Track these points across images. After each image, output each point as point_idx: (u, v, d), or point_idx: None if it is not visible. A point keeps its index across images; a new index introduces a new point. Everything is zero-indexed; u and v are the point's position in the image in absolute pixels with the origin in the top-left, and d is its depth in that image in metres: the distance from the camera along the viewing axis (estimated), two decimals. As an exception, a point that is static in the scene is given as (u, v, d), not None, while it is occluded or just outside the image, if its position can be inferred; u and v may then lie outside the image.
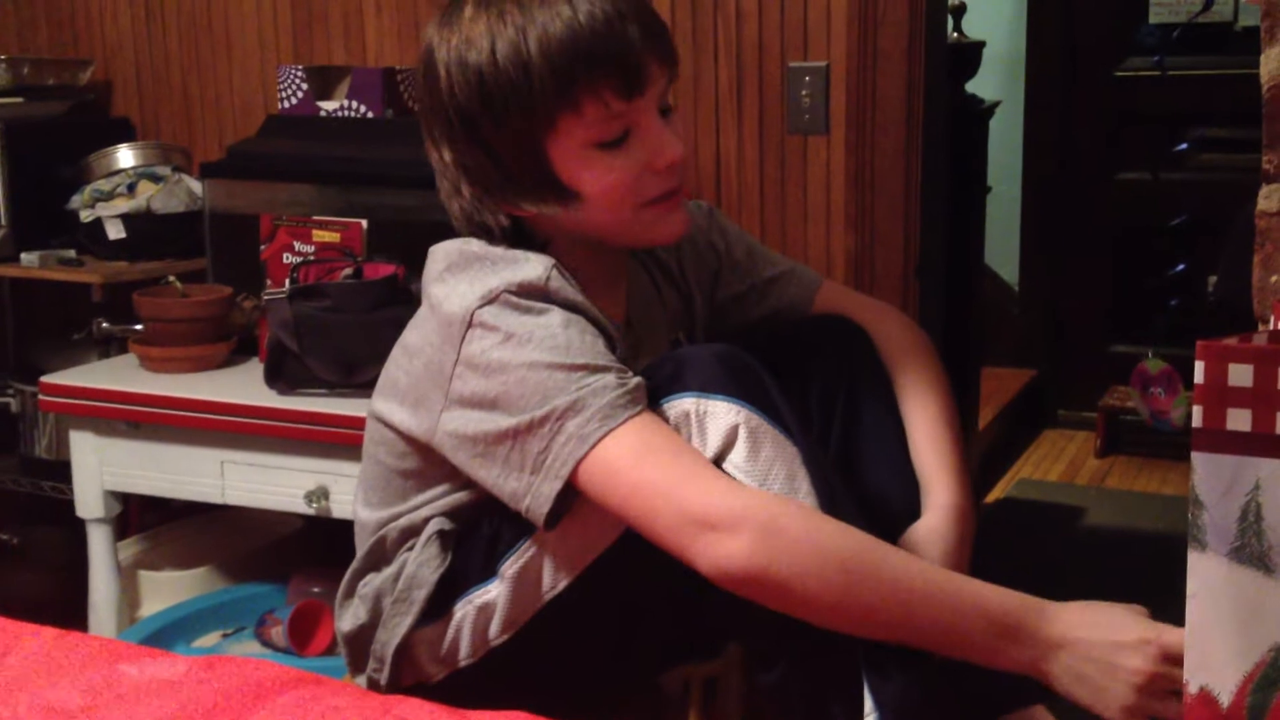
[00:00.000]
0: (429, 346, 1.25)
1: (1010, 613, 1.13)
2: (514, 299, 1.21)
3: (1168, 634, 1.10)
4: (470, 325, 1.20)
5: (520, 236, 1.30)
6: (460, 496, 1.31)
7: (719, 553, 1.12)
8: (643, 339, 1.40)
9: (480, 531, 1.29)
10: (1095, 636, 1.12)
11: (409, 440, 1.31)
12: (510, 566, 1.25)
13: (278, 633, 2.08)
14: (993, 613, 1.13)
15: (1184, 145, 3.55)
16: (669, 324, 1.44)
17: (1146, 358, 3.32)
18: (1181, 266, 3.49)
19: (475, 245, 1.29)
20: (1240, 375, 0.89)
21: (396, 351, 1.34)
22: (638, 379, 1.20)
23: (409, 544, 1.33)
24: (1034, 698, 1.18)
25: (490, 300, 1.21)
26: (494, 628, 1.27)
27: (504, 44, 1.21)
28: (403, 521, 1.33)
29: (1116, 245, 3.74)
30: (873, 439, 1.34)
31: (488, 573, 1.27)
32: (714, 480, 1.16)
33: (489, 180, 1.27)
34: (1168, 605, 1.01)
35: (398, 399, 1.31)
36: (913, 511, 1.33)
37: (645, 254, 1.46)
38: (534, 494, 1.19)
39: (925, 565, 1.19)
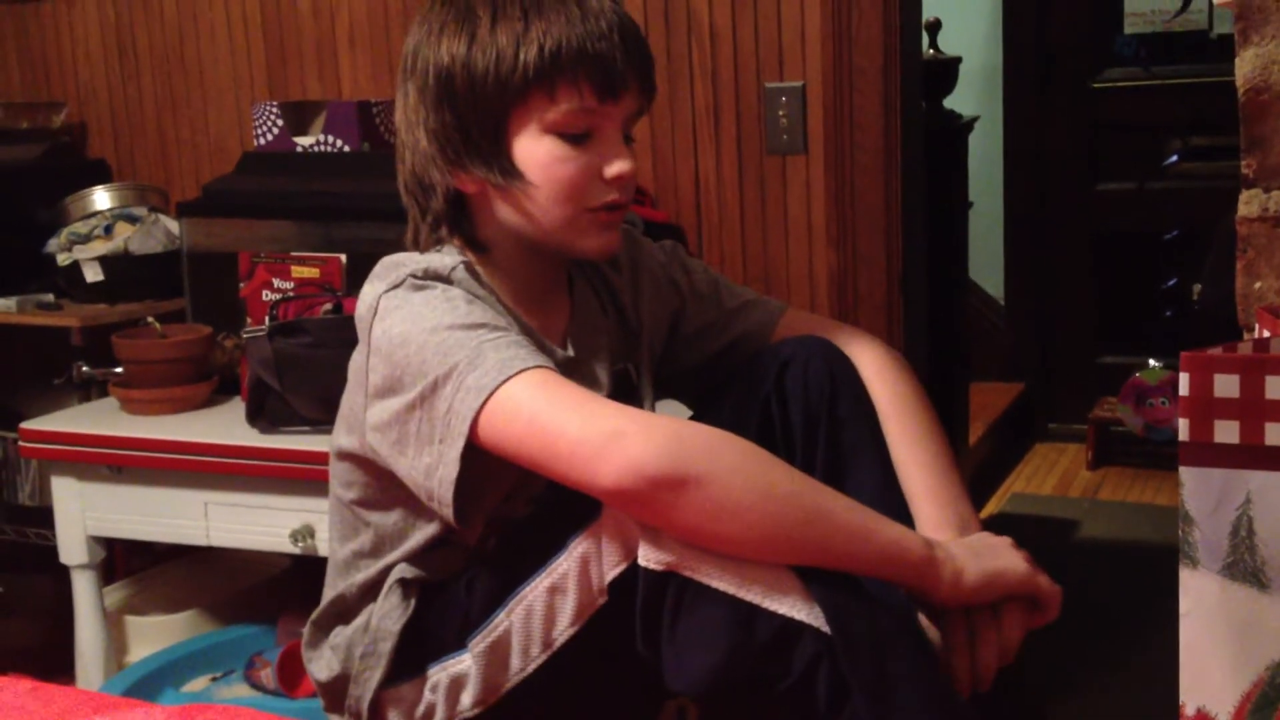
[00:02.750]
0: (356, 356, 1.28)
1: (921, 560, 1.16)
2: (418, 281, 1.23)
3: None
4: (376, 312, 1.22)
5: (459, 217, 1.31)
6: (410, 536, 1.29)
7: (629, 453, 1.07)
8: (581, 362, 1.37)
9: (455, 594, 1.26)
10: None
11: (354, 464, 1.30)
12: (479, 643, 1.22)
13: (267, 674, 2.05)
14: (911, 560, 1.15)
15: (1174, 158, 3.56)
16: (610, 352, 1.41)
17: (1140, 371, 3.32)
18: (1174, 281, 3.49)
19: (399, 255, 1.30)
20: (1226, 386, 0.87)
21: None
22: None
23: (372, 596, 1.31)
24: None
25: (396, 286, 1.23)
26: (466, 699, 1.24)
27: (505, 18, 1.23)
28: (360, 578, 1.32)
29: (1100, 256, 3.74)
30: (856, 460, 1.30)
31: (459, 644, 1.24)
32: (622, 406, 1.14)
33: (447, 138, 1.27)
34: (1166, 617, 0.99)
35: (344, 426, 1.32)
36: None
37: (598, 279, 1.44)
38: (443, 463, 1.15)
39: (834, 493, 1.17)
